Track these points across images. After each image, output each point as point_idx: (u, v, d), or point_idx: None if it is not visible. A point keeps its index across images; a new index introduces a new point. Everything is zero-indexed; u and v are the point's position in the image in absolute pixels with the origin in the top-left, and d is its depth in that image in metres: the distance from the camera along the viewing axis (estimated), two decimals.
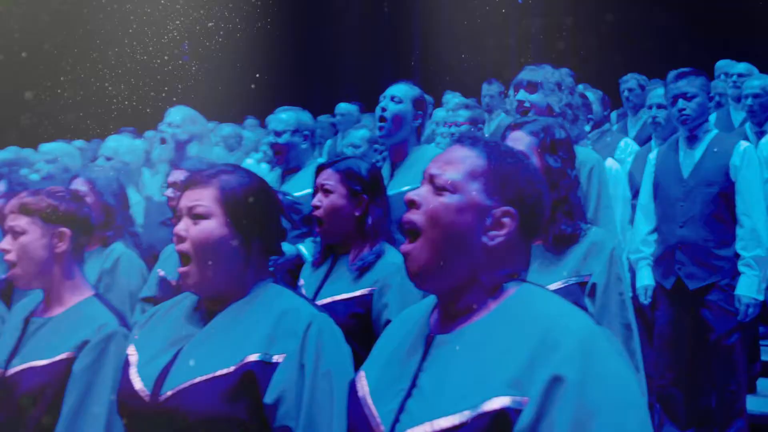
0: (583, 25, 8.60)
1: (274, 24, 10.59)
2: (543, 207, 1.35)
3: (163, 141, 3.85)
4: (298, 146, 3.56)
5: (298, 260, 3.24)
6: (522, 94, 2.92)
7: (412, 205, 1.33)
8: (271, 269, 1.71)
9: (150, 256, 3.62)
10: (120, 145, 4.12)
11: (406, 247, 1.33)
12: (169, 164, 3.90)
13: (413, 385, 1.29)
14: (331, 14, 10.36)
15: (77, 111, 10.82)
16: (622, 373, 1.20)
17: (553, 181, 2.09)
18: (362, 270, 2.29)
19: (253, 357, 1.51)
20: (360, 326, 2.25)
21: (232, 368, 1.51)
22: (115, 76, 11.04)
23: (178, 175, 2.76)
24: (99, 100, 10.82)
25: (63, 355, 1.90)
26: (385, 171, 3.23)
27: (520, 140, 2.17)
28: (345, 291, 2.28)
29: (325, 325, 1.59)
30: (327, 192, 2.35)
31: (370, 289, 2.26)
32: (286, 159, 3.56)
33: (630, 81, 5.51)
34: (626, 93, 5.53)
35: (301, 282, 2.51)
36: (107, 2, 10.46)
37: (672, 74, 3.58)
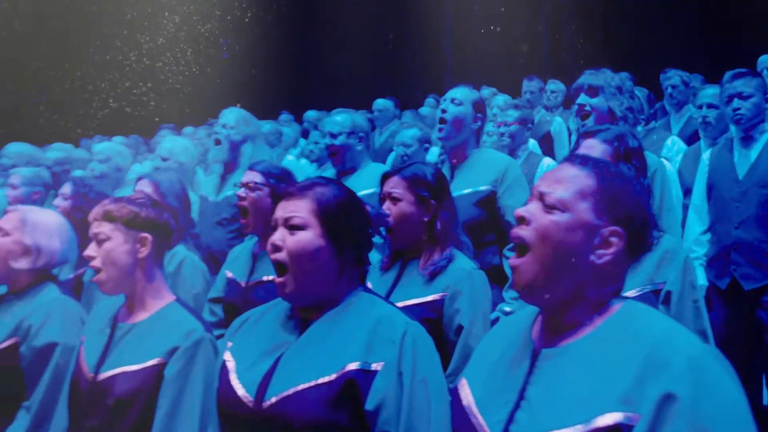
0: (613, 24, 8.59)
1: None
2: (648, 227, 1.38)
3: (217, 142, 3.91)
4: (353, 148, 3.60)
5: None
6: (583, 98, 2.93)
7: (521, 221, 1.37)
8: None
9: (206, 256, 3.69)
10: (175, 145, 4.19)
11: (515, 261, 1.37)
12: (223, 165, 3.96)
13: (521, 396, 1.33)
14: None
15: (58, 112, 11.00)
16: (732, 391, 1.22)
17: None
18: (433, 275, 2.32)
19: (353, 365, 1.57)
20: (432, 331, 2.24)
21: (333, 376, 1.56)
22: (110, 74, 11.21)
23: (253, 176, 2.80)
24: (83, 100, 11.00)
25: (154, 361, 1.96)
26: (446, 173, 3.26)
27: (593, 148, 2.18)
28: (417, 296, 2.31)
29: (418, 333, 1.65)
30: (395, 200, 2.37)
31: (441, 294, 2.29)
32: (342, 160, 3.60)
33: (673, 77, 5.46)
34: (669, 89, 5.48)
35: (369, 286, 2.55)
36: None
37: (728, 74, 3.57)
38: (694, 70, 6.64)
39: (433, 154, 4.34)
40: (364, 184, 3.56)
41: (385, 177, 2.43)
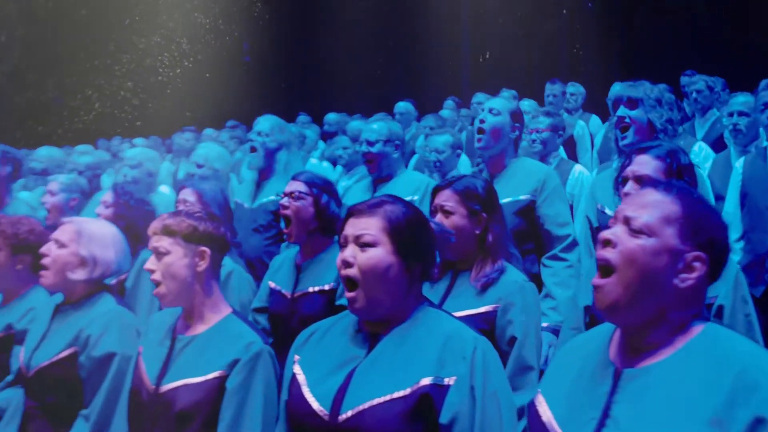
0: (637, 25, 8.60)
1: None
2: (728, 252, 1.41)
3: (253, 149, 3.95)
4: (390, 156, 3.63)
5: None
6: (622, 110, 2.94)
7: (607, 243, 1.40)
8: None
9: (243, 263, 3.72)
10: (210, 151, 4.22)
11: (599, 281, 1.40)
12: (258, 172, 4.00)
13: (606, 415, 1.36)
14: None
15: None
16: None
17: None
18: (485, 286, 2.35)
19: (427, 380, 1.62)
20: None
21: (408, 391, 1.61)
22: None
23: (296, 186, 2.83)
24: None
25: (216, 374, 1.99)
26: None
27: (646, 164, 2.21)
28: (469, 307, 2.34)
29: (487, 347, 1.70)
30: (447, 213, 2.40)
31: (494, 305, 2.31)
32: (379, 167, 3.63)
33: (698, 82, 5.49)
34: (694, 94, 5.51)
35: None
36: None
37: (765, 82, 3.59)
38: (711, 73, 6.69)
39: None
40: (400, 191, 3.58)
41: (436, 190, 2.46)
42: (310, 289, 2.73)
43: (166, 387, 2.02)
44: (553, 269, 3.07)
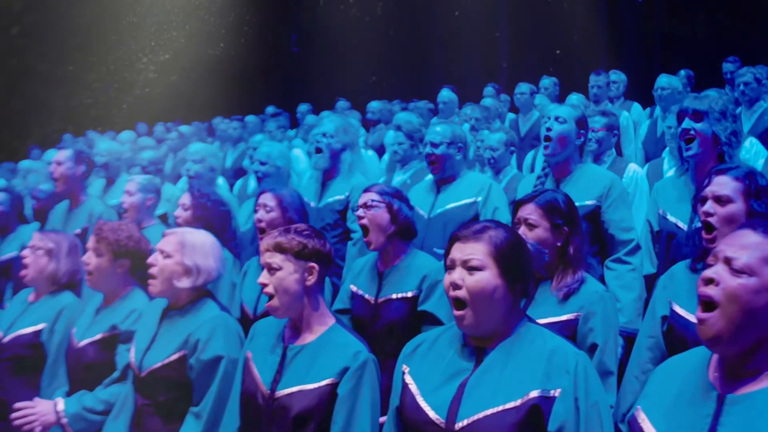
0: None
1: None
2: None
3: (318, 150, 4.10)
4: (453, 157, 3.76)
5: None
6: (687, 123, 3.03)
7: (709, 281, 1.56)
8: None
9: None
10: (273, 149, 4.38)
11: (702, 315, 1.56)
12: (322, 173, 4.15)
13: None
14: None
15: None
16: None
17: None
18: (567, 296, 2.50)
19: (535, 393, 1.79)
20: None
21: (518, 402, 1.79)
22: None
23: (369, 196, 2.98)
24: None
25: (327, 381, 2.17)
26: (548, 186, 3.42)
27: (725, 185, 2.33)
28: (551, 315, 2.49)
29: (587, 362, 1.87)
30: (531, 226, 2.55)
31: (575, 314, 2.46)
32: (442, 169, 3.76)
33: (746, 75, 5.52)
34: (741, 87, 5.55)
35: None
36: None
37: None
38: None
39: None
40: (463, 192, 3.74)
41: (519, 204, 2.60)
42: (394, 296, 2.90)
43: (282, 392, 2.20)
44: (617, 272, 3.21)
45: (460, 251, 1.90)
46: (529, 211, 2.56)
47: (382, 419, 2.22)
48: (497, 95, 8.03)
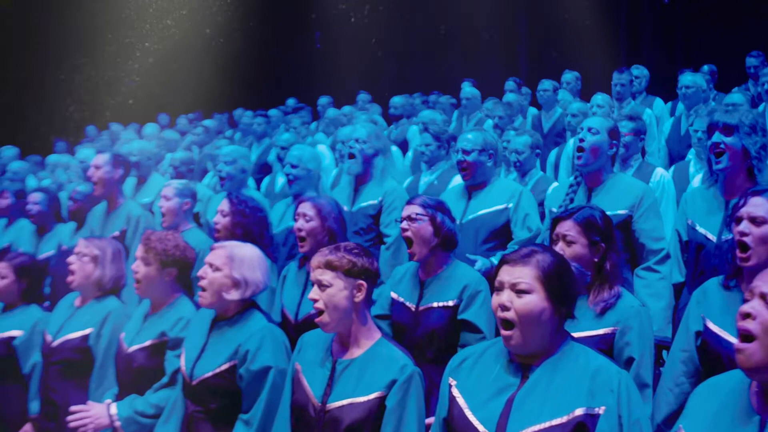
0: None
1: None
2: None
3: (351, 156, 4.18)
4: (484, 164, 3.84)
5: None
6: (717, 136, 3.08)
7: (747, 316, 1.67)
8: None
9: None
10: (304, 153, 4.47)
11: (741, 345, 1.67)
12: (355, 178, 4.23)
13: None
14: None
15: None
16: None
17: None
18: (604, 310, 2.58)
19: (580, 410, 1.90)
20: None
21: (565, 419, 1.90)
22: None
23: (412, 209, 3.06)
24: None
25: (376, 394, 2.27)
26: (581, 196, 3.50)
27: (761, 206, 2.40)
28: (588, 329, 2.58)
29: (629, 380, 1.99)
30: (569, 243, 2.64)
31: (612, 328, 2.55)
32: (473, 175, 3.84)
33: None
34: (766, 86, 5.58)
35: None
36: None
37: None
38: None
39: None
40: (494, 198, 3.83)
41: (557, 220, 2.69)
42: (435, 305, 2.99)
43: (333, 405, 2.31)
44: (647, 281, 3.29)
45: (508, 274, 1.99)
46: (568, 228, 2.65)
47: (428, 420, 2.33)
48: (518, 89, 8.07)
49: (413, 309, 3.05)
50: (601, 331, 2.57)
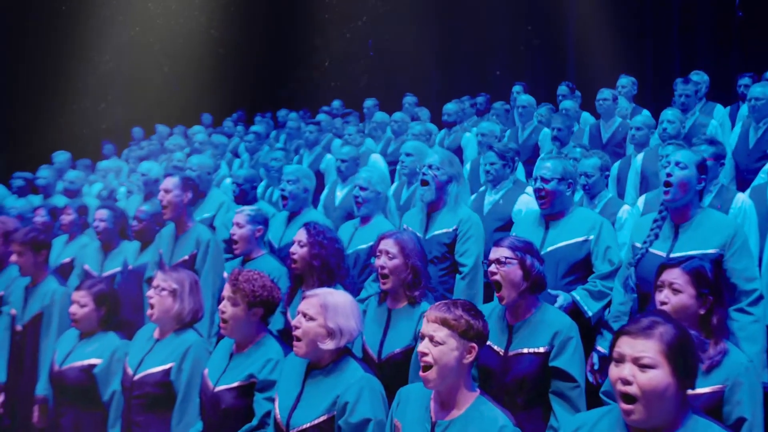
0: None
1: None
2: None
3: (424, 183, 4.14)
4: (563, 193, 3.77)
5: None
6: None
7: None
8: None
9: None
10: (373, 175, 4.44)
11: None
12: (427, 204, 4.18)
13: None
14: None
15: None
16: None
17: None
18: (711, 368, 2.52)
19: None
20: None
21: None
22: None
23: (501, 252, 3.00)
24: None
25: None
26: (667, 232, 3.42)
27: None
28: (696, 387, 2.52)
29: None
30: (676, 291, 2.58)
31: (721, 386, 2.49)
32: (551, 204, 3.78)
33: None
34: None
35: None
36: None
37: None
38: None
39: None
40: (573, 229, 3.75)
41: (664, 267, 2.63)
42: (525, 350, 2.94)
43: None
44: (740, 323, 3.21)
45: (630, 347, 1.94)
46: (675, 276, 2.59)
47: None
48: (571, 93, 7.94)
49: (501, 353, 3.01)
50: (708, 389, 2.51)
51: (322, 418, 2.67)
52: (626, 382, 1.92)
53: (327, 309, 2.75)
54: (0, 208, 6.76)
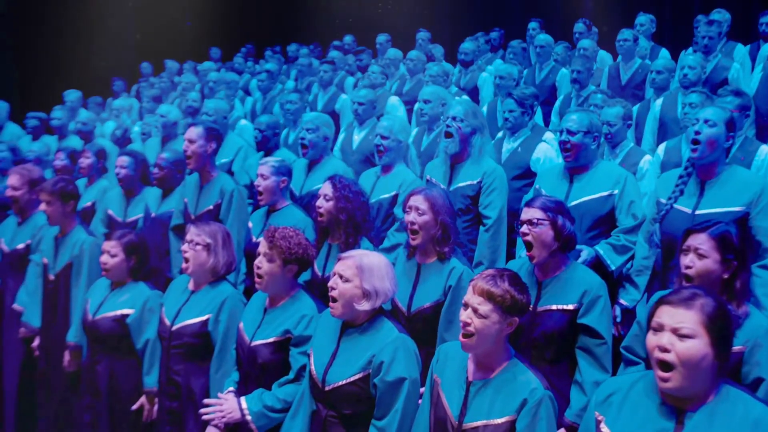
0: None
1: None
2: None
3: (448, 135, 4.14)
4: (588, 147, 3.79)
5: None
6: None
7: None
8: None
9: None
10: (394, 123, 4.43)
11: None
12: (451, 157, 4.18)
13: None
14: None
15: None
16: None
17: None
18: None
19: None
20: None
21: None
22: None
23: (533, 213, 3.03)
24: None
25: (508, 417, 2.39)
26: (693, 188, 3.45)
27: None
28: None
29: None
30: (701, 256, 2.64)
31: (740, 347, 2.56)
32: (576, 157, 3.79)
33: None
34: None
35: None
36: None
37: None
38: None
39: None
40: (598, 183, 3.78)
41: (690, 232, 2.68)
42: (554, 307, 3.02)
43: (469, 425, 2.43)
44: (762, 279, 3.28)
45: (669, 317, 2.00)
46: (701, 241, 2.64)
47: None
48: (588, 31, 7.80)
49: (530, 309, 3.09)
50: None
51: (357, 376, 2.77)
52: (664, 350, 1.98)
53: (363, 270, 2.82)
54: (15, 149, 6.75)
